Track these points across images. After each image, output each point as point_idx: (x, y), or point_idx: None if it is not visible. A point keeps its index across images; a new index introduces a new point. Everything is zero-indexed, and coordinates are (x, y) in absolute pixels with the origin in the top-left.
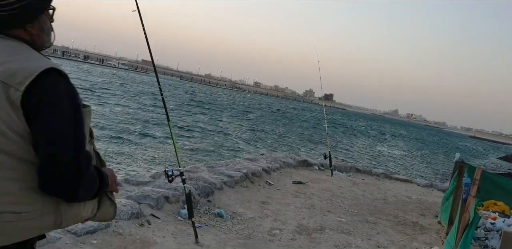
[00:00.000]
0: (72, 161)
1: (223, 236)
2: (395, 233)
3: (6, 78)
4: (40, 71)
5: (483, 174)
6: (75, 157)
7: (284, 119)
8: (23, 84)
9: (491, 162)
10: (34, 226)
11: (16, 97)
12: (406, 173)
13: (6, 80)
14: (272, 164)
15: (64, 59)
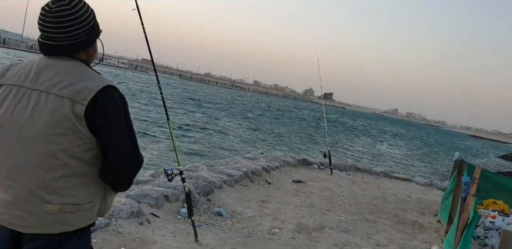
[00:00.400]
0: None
1: (222, 235)
2: (394, 232)
3: (73, 96)
4: (99, 89)
5: (482, 173)
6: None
7: (284, 118)
8: (86, 100)
9: (491, 161)
10: (88, 215)
11: (81, 110)
12: (406, 172)
13: (74, 98)
14: (272, 163)
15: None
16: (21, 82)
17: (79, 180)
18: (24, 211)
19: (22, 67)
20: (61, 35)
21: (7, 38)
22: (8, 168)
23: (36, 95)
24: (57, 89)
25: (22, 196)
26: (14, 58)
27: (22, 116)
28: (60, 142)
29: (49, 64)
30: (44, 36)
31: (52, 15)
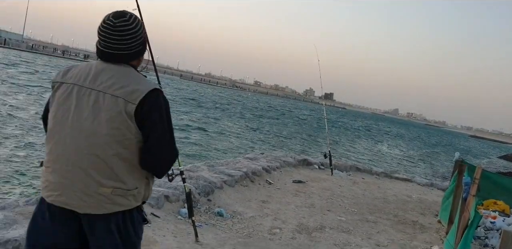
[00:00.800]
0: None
1: (223, 235)
2: (395, 232)
3: (126, 97)
4: (147, 91)
5: (483, 173)
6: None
7: (284, 118)
8: (137, 100)
9: (491, 161)
10: (135, 198)
11: (131, 109)
12: (406, 172)
13: (127, 98)
14: (272, 163)
15: (65, 58)
16: (81, 82)
17: (129, 168)
18: (82, 192)
19: (82, 69)
20: (122, 46)
21: (7, 38)
22: (68, 155)
23: (94, 94)
24: (112, 90)
25: (80, 180)
26: (13, 58)
27: (83, 111)
28: (115, 135)
29: (105, 68)
30: (105, 46)
31: (116, 29)
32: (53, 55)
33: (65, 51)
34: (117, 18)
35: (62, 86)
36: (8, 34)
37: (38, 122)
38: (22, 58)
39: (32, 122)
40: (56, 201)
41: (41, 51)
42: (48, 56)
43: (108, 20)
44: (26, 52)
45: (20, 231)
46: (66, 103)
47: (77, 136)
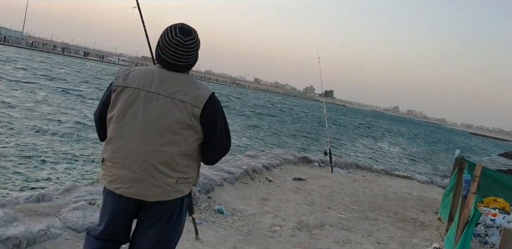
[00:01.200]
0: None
1: (223, 233)
2: (395, 230)
3: (193, 102)
4: (208, 96)
5: (483, 171)
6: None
7: (284, 115)
8: (201, 104)
9: (492, 158)
10: (190, 185)
11: (197, 112)
12: (407, 170)
13: (193, 103)
14: (272, 160)
15: (64, 56)
16: (147, 87)
17: (189, 160)
18: (151, 184)
19: (142, 74)
20: (187, 59)
21: (7, 36)
22: (139, 153)
23: (162, 98)
24: (179, 95)
25: (150, 174)
26: (14, 55)
27: (152, 113)
28: (182, 134)
29: (168, 76)
30: (172, 58)
31: (185, 46)
32: (53, 52)
33: (65, 48)
34: (186, 36)
35: (126, 90)
36: (8, 31)
37: (32, 120)
38: (21, 53)
39: (24, 119)
40: (126, 193)
41: (41, 48)
42: (48, 53)
43: (177, 37)
44: (23, 49)
45: (20, 228)
46: (133, 105)
47: (147, 136)
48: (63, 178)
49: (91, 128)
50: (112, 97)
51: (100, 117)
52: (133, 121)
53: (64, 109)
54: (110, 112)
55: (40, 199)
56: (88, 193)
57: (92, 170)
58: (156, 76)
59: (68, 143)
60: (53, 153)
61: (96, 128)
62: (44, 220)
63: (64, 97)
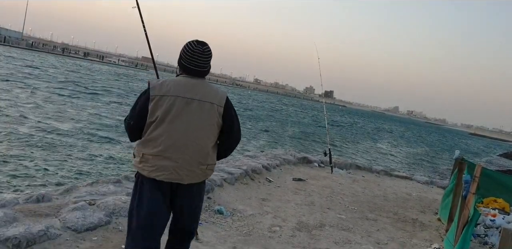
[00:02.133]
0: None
1: (223, 233)
2: (395, 230)
3: (218, 103)
4: (226, 96)
5: (483, 171)
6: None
7: (284, 116)
8: (223, 104)
9: (491, 159)
10: (212, 171)
11: (221, 110)
12: (406, 170)
13: (218, 103)
14: (272, 161)
15: (64, 56)
16: (182, 94)
17: (214, 151)
18: (188, 170)
19: (174, 84)
20: (206, 65)
21: (7, 36)
22: (179, 146)
23: (196, 102)
24: (209, 98)
25: (188, 162)
26: (14, 54)
27: (189, 115)
28: (211, 129)
29: (196, 82)
30: (196, 65)
31: (204, 53)
32: (53, 52)
33: (65, 48)
34: (203, 46)
35: (163, 98)
36: (8, 31)
37: (25, 124)
38: (21, 53)
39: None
40: (167, 178)
41: (41, 49)
42: (46, 53)
43: (197, 48)
44: (22, 49)
45: (20, 228)
46: (172, 110)
47: (188, 133)
48: (63, 179)
49: (92, 130)
50: (150, 105)
51: (137, 122)
52: (173, 122)
53: (71, 111)
54: (151, 117)
55: (39, 200)
56: (88, 193)
57: (92, 170)
58: (187, 84)
59: (68, 144)
60: (53, 154)
61: (129, 130)
62: (43, 220)
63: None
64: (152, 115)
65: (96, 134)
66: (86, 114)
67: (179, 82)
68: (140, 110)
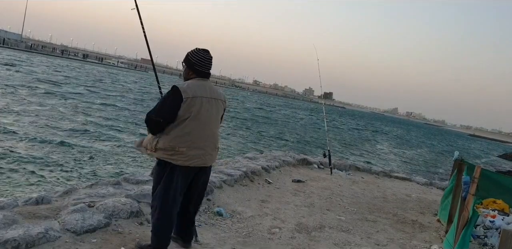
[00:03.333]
0: None
1: (222, 235)
2: (394, 231)
3: (223, 99)
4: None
5: (482, 172)
6: None
7: (283, 118)
8: (225, 100)
9: (491, 160)
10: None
11: (224, 105)
12: (406, 172)
13: (225, 100)
14: (272, 162)
15: (63, 58)
16: (206, 95)
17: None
18: (210, 155)
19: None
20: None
21: (6, 38)
22: (206, 136)
23: (214, 101)
24: (219, 97)
25: (210, 148)
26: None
27: (210, 111)
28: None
29: (209, 84)
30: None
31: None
32: (52, 54)
33: (64, 50)
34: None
35: (194, 99)
36: (7, 33)
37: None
38: (18, 55)
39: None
40: (196, 164)
41: (40, 51)
42: (47, 56)
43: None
44: (21, 52)
45: (19, 231)
46: (201, 108)
47: (209, 126)
48: (62, 181)
49: (91, 131)
50: (183, 105)
51: (167, 120)
52: (200, 119)
53: (71, 116)
54: (184, 116)
55: (39, 202)
56: (87, 195)
57: (91, 172)
58: (204, 86)
59: (67, 145)
60: (52, 155)
61: (155, 127)
62: (43, 222)
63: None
64: (186, 113)
65: (96, 135)
66: (88, 116)
67: (199, 84)
68: (172, 110)
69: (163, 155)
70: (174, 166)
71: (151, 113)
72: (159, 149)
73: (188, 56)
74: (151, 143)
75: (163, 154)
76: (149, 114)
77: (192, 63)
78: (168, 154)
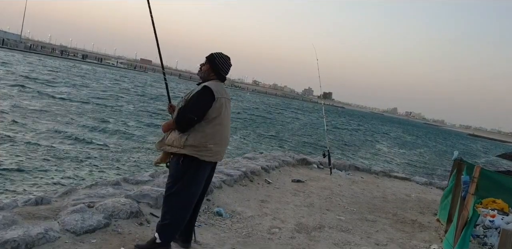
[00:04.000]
0: None
1: (222, 235)
2: (394, 231)
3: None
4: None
5: (481, 172)
6: None
7: (282, 118)
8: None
9: (490, 160)
10: None
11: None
12: (405, 171)
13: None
14: (271, 162)
15: (63, 59)
16: (225, 95)
17: None
18: (224, 151)
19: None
20: None
21: (5, 39)
22: (226, 135)
23: (229, 100)
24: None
25: (227, 145)
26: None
27: (229, 110)
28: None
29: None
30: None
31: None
32: (52, 55)
33: (64, 51)
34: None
35: (221, 99)
36: (6, 34)
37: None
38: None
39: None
40: (217, 159)
41: (39, 51)
42: (46, 56)
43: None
44: (19, 52)
45: (18, 231)
46: (224, 107)
47: (228, 124)
48: (62, 181)
49: (92, 133)
50: (214, 104)
51: (200, 118)
52: (223, 117)
53: (73, 115)
54: (213, 114)
55: (38, 202)
56: (87, 195)
57: (90, 172)
58: (223, 87)
59: (67, 146)
60: (52, 156)
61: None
62: (42, 223)
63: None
64: (216, 112)
65: (96, 135)
66: (87, 117)
67: (220, 86)
68: (206, 109)
69: (191, 151)
70: (200, 161)
71: (187, 112)
72: (188, 145)
73: (215, 59)
74: (179, 141)
75: (192, 150)
76: (185, 113)
77: (219, 67)
78: (196, 150)
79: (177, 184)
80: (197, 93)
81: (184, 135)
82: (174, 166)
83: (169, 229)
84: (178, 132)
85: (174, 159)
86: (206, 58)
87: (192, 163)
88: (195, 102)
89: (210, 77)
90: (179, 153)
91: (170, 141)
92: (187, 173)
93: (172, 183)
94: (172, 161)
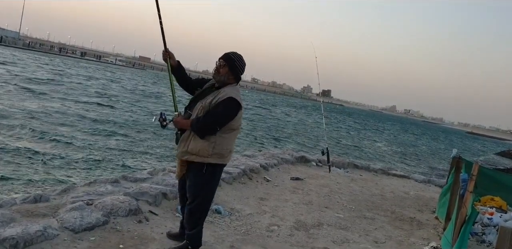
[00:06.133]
0: None
1: (221, 232)
2: (392, 229)
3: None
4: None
5: (480, 170)
6: None
7: (281, 116)
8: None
9: (488, 157)
10: None
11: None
12: (404, 169)
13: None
14: (270, 160)
15: (61, 56)
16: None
17: None
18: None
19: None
20: None
21: (4, 36)
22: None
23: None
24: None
25: None
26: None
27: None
28: None
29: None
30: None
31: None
32: (50, 52)
33: (62, 48)
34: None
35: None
36: (5, 31)
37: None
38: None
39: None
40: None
41: (38, 49)
42: (43, 53)
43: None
44: (18, 50)
45: (17, 229)
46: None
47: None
48: (60, 179)
49: (91, 129)
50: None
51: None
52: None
53: (79, 116)
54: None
55: (37, 200)
56: (86, 193)
57: (89, 170)
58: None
59: (67, 146)
60: (51, 154)
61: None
62: (41, 220)
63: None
64: (238, 121)
65: (95, 134)
66: (87, 113)
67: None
68: (230, 120)
69: (216, 159)
70: (221, 166)
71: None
72: (215, 154)
73: (235, 61)
74: (206, 150)
75: (217, 158)
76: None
77: (238, 69)
78: (220, 157)
79: (203, 192)
80: (224, 105)
81: (210, 144)
82: (198, 174)
83: (200, 234)
84: (202, 140)
85: (197, 167)
86: (223, 60)
87: (215, 169)
88: (221, 114)
89: (229, 81)
90: (205, 162)
91: (195, 150)
92: (212, 180)
93: (199, 192)
94: (193, 169)
